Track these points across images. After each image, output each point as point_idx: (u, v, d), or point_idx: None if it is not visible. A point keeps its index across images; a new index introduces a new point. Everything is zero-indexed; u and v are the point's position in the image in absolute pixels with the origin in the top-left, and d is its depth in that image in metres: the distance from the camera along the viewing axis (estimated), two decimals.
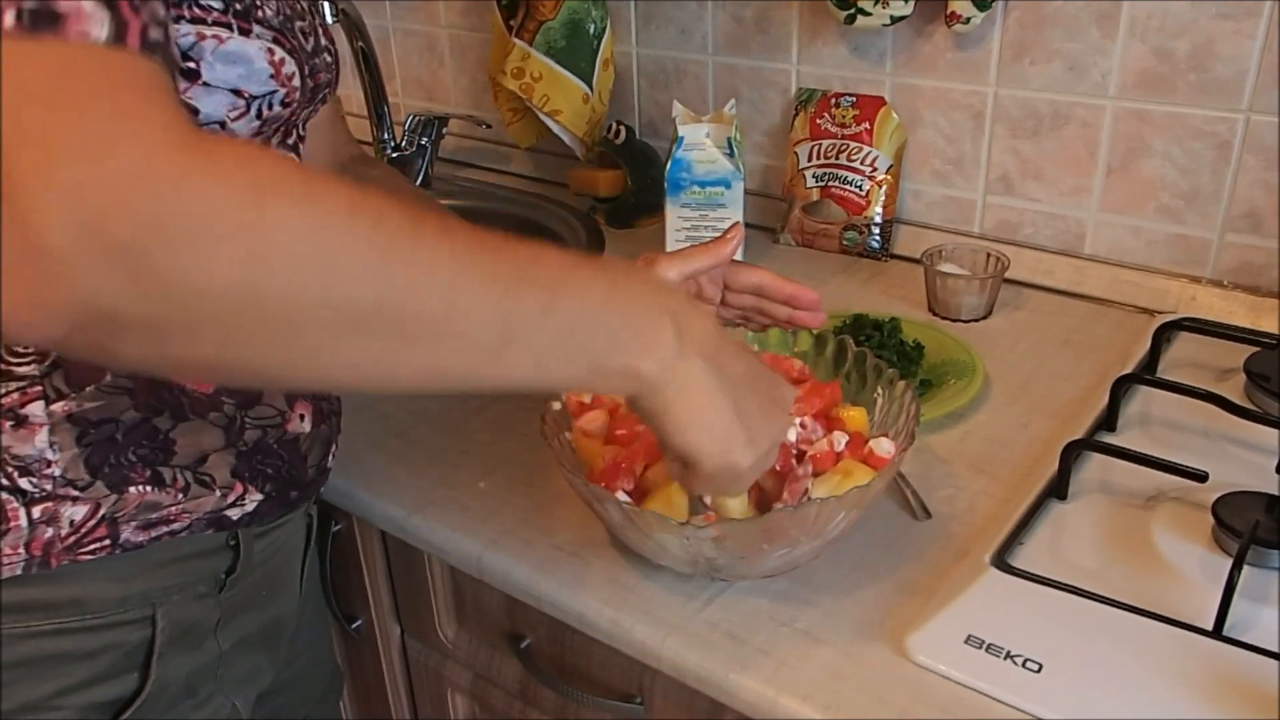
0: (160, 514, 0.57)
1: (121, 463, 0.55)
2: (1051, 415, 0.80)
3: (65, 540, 0.55)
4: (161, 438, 0.57)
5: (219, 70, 0.51)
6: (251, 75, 0.53)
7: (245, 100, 0.53)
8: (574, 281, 0.46)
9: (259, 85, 0.54)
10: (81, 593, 0.56)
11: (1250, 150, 0.90)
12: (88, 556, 0.55)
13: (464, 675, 0.84)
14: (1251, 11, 0.86)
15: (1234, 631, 0.57)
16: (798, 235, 1.14)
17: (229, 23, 0.51)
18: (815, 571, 0.65)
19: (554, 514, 0.71)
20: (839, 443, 0.65)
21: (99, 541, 0.55)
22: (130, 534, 0.56)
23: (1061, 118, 0.98)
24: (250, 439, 0.60)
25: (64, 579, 0.55)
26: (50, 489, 0.54)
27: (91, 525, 0.55)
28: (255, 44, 0.53)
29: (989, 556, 0.64)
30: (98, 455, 0.55)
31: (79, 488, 0.54)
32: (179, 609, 0.60)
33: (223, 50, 0.51)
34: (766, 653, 0.59)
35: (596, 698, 0.71)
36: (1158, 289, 0.97)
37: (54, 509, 0.54)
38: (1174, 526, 0.66)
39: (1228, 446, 0.74)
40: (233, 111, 0.53)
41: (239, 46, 0.52)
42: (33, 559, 0.54)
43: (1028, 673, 0.55)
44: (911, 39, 1.04)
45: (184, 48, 0.50)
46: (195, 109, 0.51)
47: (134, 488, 0.56)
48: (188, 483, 0.58)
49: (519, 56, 1.16)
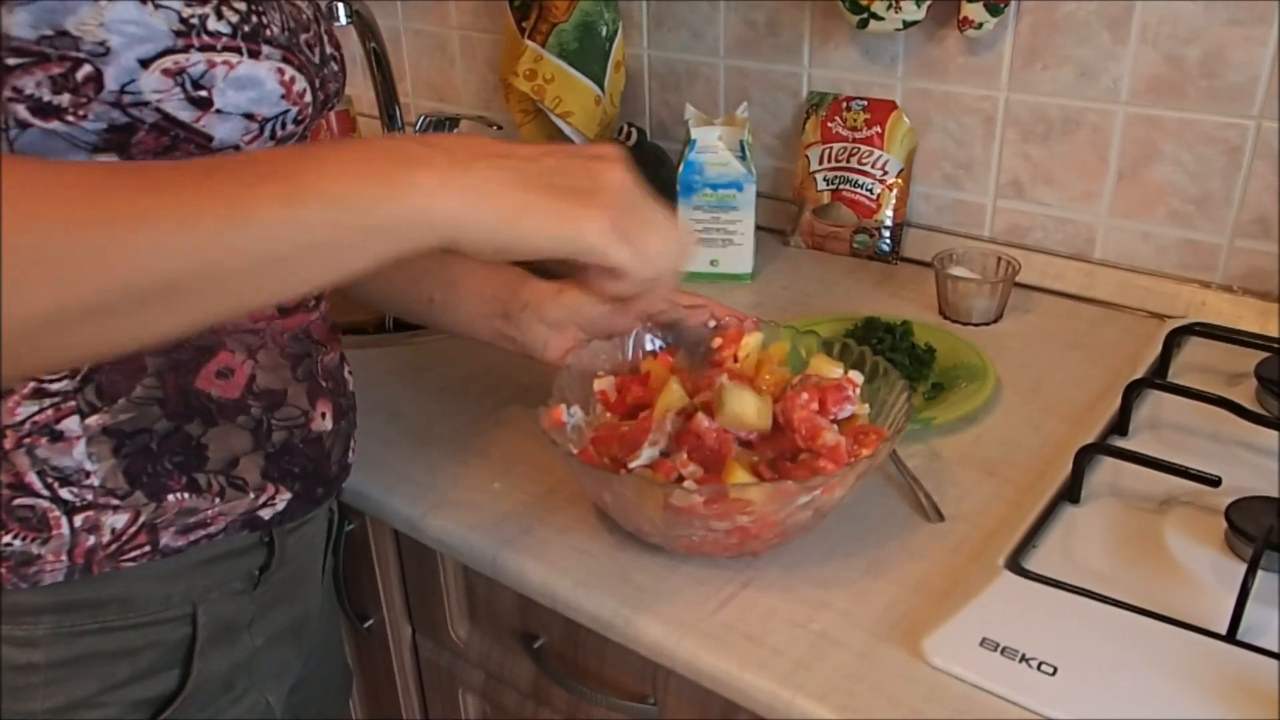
0: (197, 518, 0.58)
1: (158, 471, 0.56)
2: (1063, 419, 0.81)
3: (107, 548, 0.55)
4: (194, 444, 0.57)
5: (231, 96, 0.51)
6: (263, 98, 0.53)
7: (259, 123, 0.53)
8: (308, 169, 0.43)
9: (271, 107, 0.53)
10: (125, 592, 0.57)
11: (1260, 156, 0.90)
12: (129, 563, 0.56)
13: (476, 675, 0.85)
14: (1263, 18, 0.86)
15: (1248, 636, 0.57)
16: (808, 238, 1.14)
17: (238, 46, 0.51)
18: (830, 573, 0.65)
19: (568, 514, 0.72)
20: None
21: (140, 548, 0.56)
22: (169, 539, 0.57)
23: (1072, 123, 0.98)
24: (278, 440, 0.61)
25: (108, 581, 0.56)
26: (91, 498, 0.54)
27: (132, 532, 0.56)
28: (265, 65, 0.52)
29: (1002, 559, 0.64)
30: (135, 465, 0.55)
31: (119, 496, 0.55)
32: (217, 606, 0.61)
33: (234, 76, 0.51)
34: (781, 654, 0.59)
35: (609, 698, 0.72)
36: (1168, 294, 0.97)
37: (95, 518, 0.55)
38: (1187, 531, 0.66)
39: (1239, 451, 0.74)
40: (246, 135, 0.53)
41: (249, 70, 0.51)
42: (75, 565, 0.55)
43: (1043, 675, 0.56)
44: (923, 43, 1.04)
45: (195, 76, 0.49)
46: (210, 136, 0.51)
47: (172, 495, 0.57)
48: (222, 487, 0.58)
49: (531, 58, 1.17)
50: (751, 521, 0.61)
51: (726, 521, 0.61)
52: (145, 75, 0.48)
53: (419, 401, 0.87)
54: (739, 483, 0.60)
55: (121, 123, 0.49)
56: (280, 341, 0.61)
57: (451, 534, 0.72)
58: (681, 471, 0.62)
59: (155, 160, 0.48)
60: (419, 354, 0.94)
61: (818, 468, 0.62)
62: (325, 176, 0.43)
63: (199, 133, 0.51)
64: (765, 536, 0.63)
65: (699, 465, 0.63)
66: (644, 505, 0.62)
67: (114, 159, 0.49)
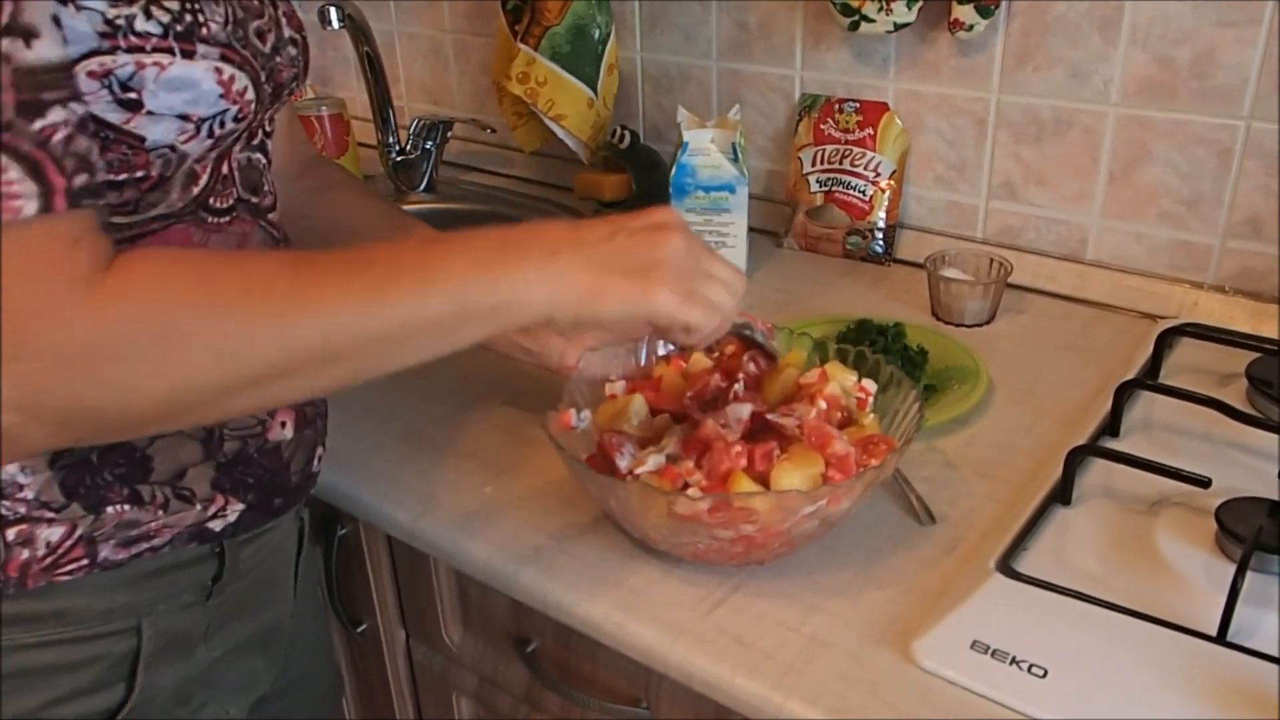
0: (140, 530, 0.57)
1: (98, 483, 0.55)
2: (1055, 420, 0.81)
3: (42, 561, 0.54)
4: (138, 456, 0.56)
5: (163, 98, 0.50)
6: (199, 99, 0.52)
7: (194, 123, 0.52)
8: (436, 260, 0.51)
9: (208, 107, 0.52)
10: (64, 606, 0.56)
11: (1251, 157, 0.90)
12: (65, 577, 0.55)
13: (469, 679, 0.85)
14: (1252, 19, 0.86)
15: (1238, 637, 0.57)
16: (801, 240, 1.14)
17: (170, 47, 0.50)
18: (822, 576, 0.65)
19: (560, 518, 0.72)
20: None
21: (76, 561, 0.55)
22: (109, 552, 0.56)
23: (1064, 124, 0.99)
24: (230, 450, 0.60)
25: (46, 594, 0.55)
26: (24, 511, 0.53)
27: (68, 546, 0.55)
28: (200, 65, 0.51)
29: (994, 562, 0.64)
30: (72, 477, 0.54)
31: (54, 509, 0.54)
32: (165, 619, 0.60)
33: (165, 77, 0.50)
34: (773, 657, 0.59)
35: (602, 702, 0.72)
36: (1160, 294, 0.97)
37: (29, 531, 0.54)
38: (1177, 532, 0.66)
39: (1230, 452, 0.74)
40: (181, 135, 0.52)
41: (183, 71, 0.50)
42: (9, 580, 0.54)
43: (1033, 678, 0.56)
44: (915, 45, 1.04)
45: (123, 78, 0.48)
46: (142, 137, 0.50)
47: (111, 507, 0.55)
48: (167, 498, 0.57)
49: (524, 61, 1.17)
50: (756, 531, 0.61)
51: (731, 530, 0.61)
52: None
53: (411, 405, 0.87)
54: (743, 491, 0.60)
55: None
56: None
57: (444, 538, 0.72)
58: (687, 480, 0.62)
59: (307, 252, 0.52)
60: None
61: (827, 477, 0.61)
62: (452, 266, 0.51)
63: (130, 134, 0.50)
64: (771, 546, 0.63)
65: (705, 474, 0.63)
66: (649, 513, 0.62)
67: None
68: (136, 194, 0.53)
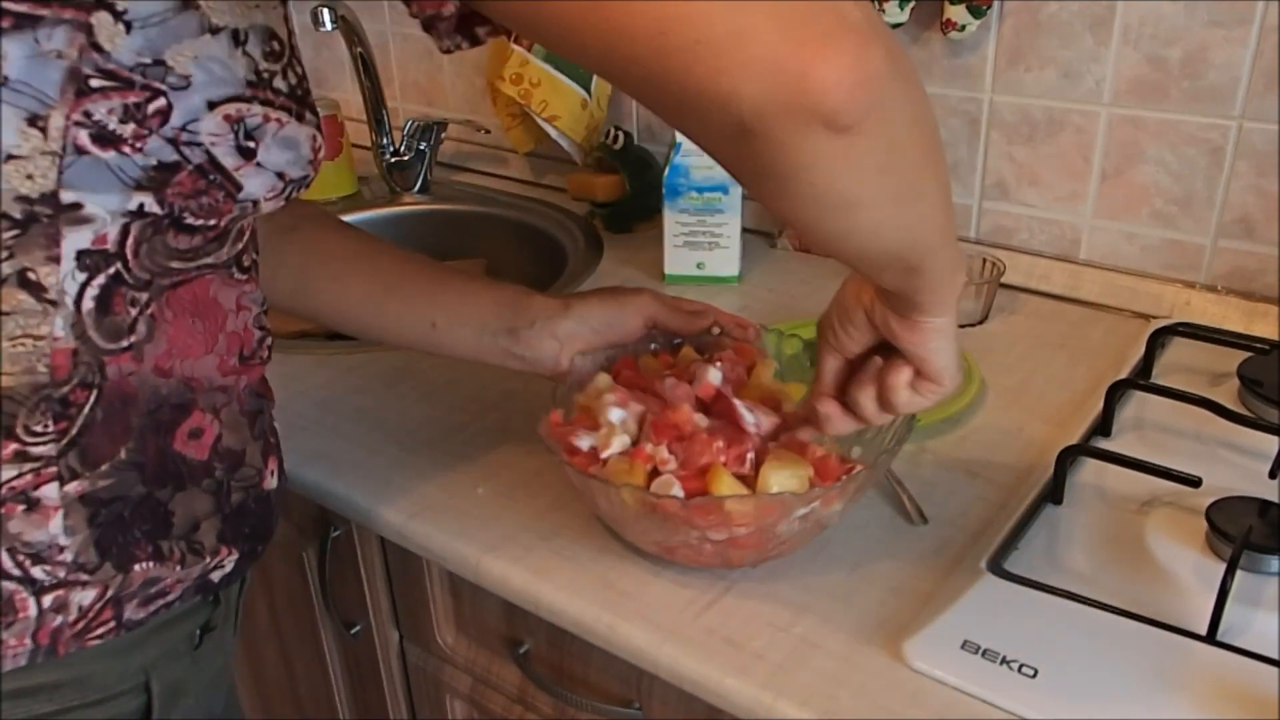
0: (159, 587, 0.56)
1: (128, 540, 0.53)
2: (1047, 420, 0.81)
3: (74, 627, 0.52)
4: (162, 510, 0.55)
5: (274, 154, 0.51)
6: (297, 160, 0.53)
7: (285, 183, 0.53)
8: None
9: (299, 170, 0.54)
10: (82, 672, 0.54)
11: (1242, 156, 0.90)
12: (96, 641, 0.54)
13: (462, 681, 0.84)
14: (1243, 19, 0.87)
15: (1228, 636, 0.58)
16: (795, 240, 1.14)
17: (290, 107, 0.51)
18: (812, 576, 0.65)
19: (552, 520, 0.72)
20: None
21: (105, 624, 0.54)
22: (132, 611, 0.55)
23: (1056, 124, 0.99)
24: (235, 501, 0.59)
25: (68, 661, 0.53)
26: (63, 576, 0.51)
27: (99, 608, 0.53)
28: (305, 130, 0.53)
29: (985, 561, 0.64)
30: (107, 536, 0.53)
31: (89, 571, 0.52)
32: (166, 671, 0.59)
33: (281, 135, 0.51)
34: (763, 658, 0.59)
35: (595, 703, 0.72)
36: (1152, 294, 0.97)
37: (65, 596, 0.52)
38: (1168, 531, 0.66)
39: (1221, 451, 0.74)
40: (270, 193, 0.53)
41: (294, 132, 0.52)
42: (39, 648, 0.52)
43: (1023, 678, 0.56)
44: (907, 45, 1.04)
45: (250, 127, 0.50)
46: (240, 185, 0.51)
47: (138, 565, 0.54)
48: (183, 553, 0.56)
49: (518, 62, 1.17)
50: (747, 533, 0.61)
51: (723, 532, 0.61)
52: (208, 117, 0.48)
53: (402, 407, 0.87)
54: (726, 494, 0.60)
55: (170, 160, 0.48)
56: (242, 399, 0.59)
57: (436, 540, 0.72)
58: (659, 468, 0.62)
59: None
60: (402, 360, 0.94)
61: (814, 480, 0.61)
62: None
63: (233, 181, 0.51)
64: (764, 549, 0.63)
65: (681, 464, 0.62)
66: (624, 497, 0.60)
67: (147, 198, 0.48)
68: (201, 242, 0.53)
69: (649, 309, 0.73)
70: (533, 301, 0.74)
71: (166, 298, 0.52)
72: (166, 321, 0.53)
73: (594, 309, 0.73)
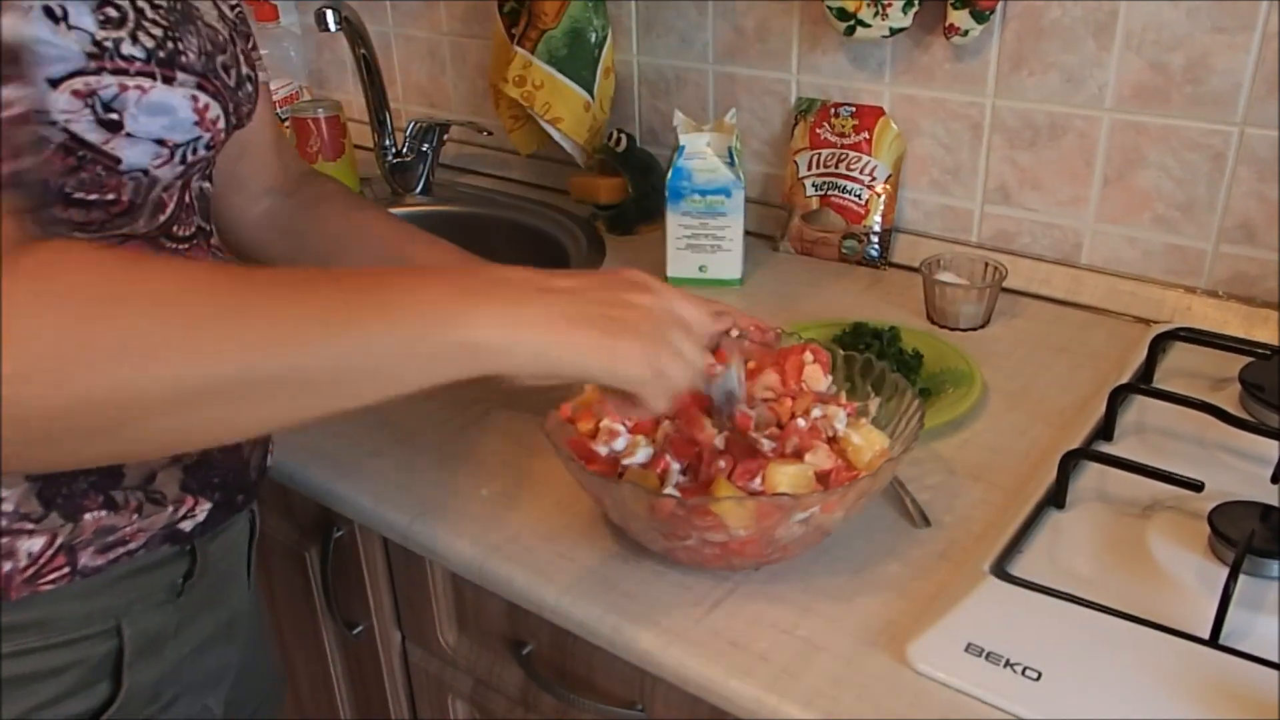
0: (117, 535, 0.57)
1: (74, 491, 0.55)
2: (1049, 423, 0.81)
3: (24, 572, 0.54)
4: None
5: (143, 121, 0.51)
6: (176, 125, 0.53)
7: (169, 149, 0.53)
8: (397, 286, 0.48)
9: (183, 133, 0.53)
10: (45, 615, 0.56)
11: (1244, 162, 0.91)
12: (48, 586, 0.55)
13: (465, 681, 0.85)
14: (1245, 25, 0.87)
15: (1230, 640, 0.58)
16: (797, 243, 1.15)
17: (152, 72, 0.51)
18: (816, 579, 0.65)
19: (556, 521, 0.72)
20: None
21: (58, 570, 0.55)
22: (88, 559, 0.56)
23: (1059, 129, 0.99)
24: (195, 452, 0.60)
25: (26, 604, 0.55)
26: (4, 524, 0.53)
27: (49, 555, 0.55)
28: (179, 92, 0.52)
29: (988, 565, 0.64)
30: (49, 487, 0.54)
31: (34, 520, 0.54)
32: (142, 618, 0.60)
33: (146, 101, 0.51)
34: (767, 660, 0.59)
35: (598, 704, 0.72)
36: (1153, 299, 0.98)
37: (10, 544, 0.54)
38: (1170, 535, 0.66)
39: (1223, 456, 0.75)
40: (156, 160, 0.53)
41: (162, 97, 0.51)
42: None
43: (1027, 681, 0.56)
44: (910, 50, 1.05)
45: (106, 99, 0.49)
46: (118, 158, 0.51)
47: (89, 514, 0.56)
48: (140, 502, 0.58)
49: (521, 64, 1.17)
50: (748, 535, 0.61)
51: (721, 534, 0.61)
52: (54, 95, 0.48)
53: (406, 409, 0.87)
54: (725, 497, 0.60)
55: None
56: None
57: (439, 541, 0.72)
58: (662, 478, 0.62)
59: (257, 266, 0.49)
60: None
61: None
62: (414, 297, 0.47)
63: (107, 154, 0.51)
64: (765, 553, 0.63)
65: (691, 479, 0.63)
66: (624, 494, 0.61)
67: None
68: (104, 216, 0.53)
69: None
70: None
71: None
72: None
73: None
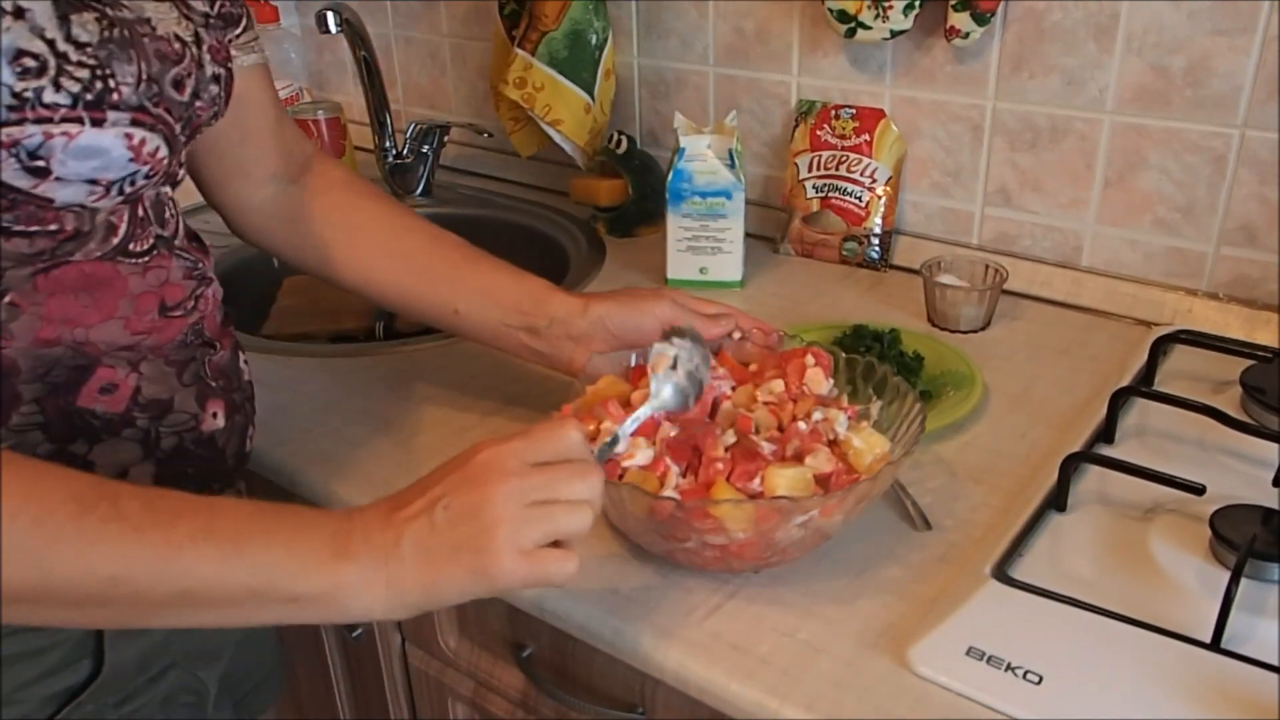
0: None
1: None
2: (1050, 426, 0.81)
3: None
4: (80, 461, 0.57)
5: (71, 165, 0.50)
6: (109, 165, 0.52)
7: (103, 186, 0.53)
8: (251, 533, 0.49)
9: (118, 171, 0.53)
10: None
11: (1245, 165, 0.91)
12: None
13: (465, 684, 0.84)
14: (1246, 28, 0.87)
15: (1232, 644, 0.58)
16: (797, 245, 1.15)
17: (79, 117, 0.50)
18: (817, 582, 0.65)
19: None
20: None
21: None
22: None
23: (1059, 131, 0.99)
24: (167, 446, 0.60)
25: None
26: None
27: None
28: (110, 133, 0.51)
29: (989, 568, 0.64)
30: None
31: None
32: None
33: (74, 146, 0.50)
34: (768, 663, 0.59)
35: (598, 707, 0.72)
36: (1154, 301, 0.97)
37: None
38: (1172, 539, 0.66)
39: (1224, 459, 0.75)
40: (91, 197, 0.53)
41: (92, 140, 0.50)
42: None
43: (1028, 684, 0.56)
44: (911, 52, 1.05)
45: (31, 148, 0.49)
46: (50, 199, 0.51)
47: None
48: None
49: (521, 66, 1.17)
50: (747, 537, 0.61)
51: (720, 536, 0.61)
52: None
53: (406, 411, 0.87)
54: (723, 499, 0.60)
55: None
56: (162, 352, 0.60)
57: None
58: (662, 481, 0.62)
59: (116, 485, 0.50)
60: (405, 363, 0.94)
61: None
62: (267, 543, 0.49)
63: (37, 197, 0.51)
64: (764, 556, 0.63)
65: (692, 477, 0.63)
66: (624, 496, 0.61)
67: None
68: (52, 244, 0.53)
69: (667, 314, 0.74)
70: (553, 299, 0.75)
71: (34, 283, 0.53)
72: (37, 303, 0.54)
73: (612, 312, 0.74)
